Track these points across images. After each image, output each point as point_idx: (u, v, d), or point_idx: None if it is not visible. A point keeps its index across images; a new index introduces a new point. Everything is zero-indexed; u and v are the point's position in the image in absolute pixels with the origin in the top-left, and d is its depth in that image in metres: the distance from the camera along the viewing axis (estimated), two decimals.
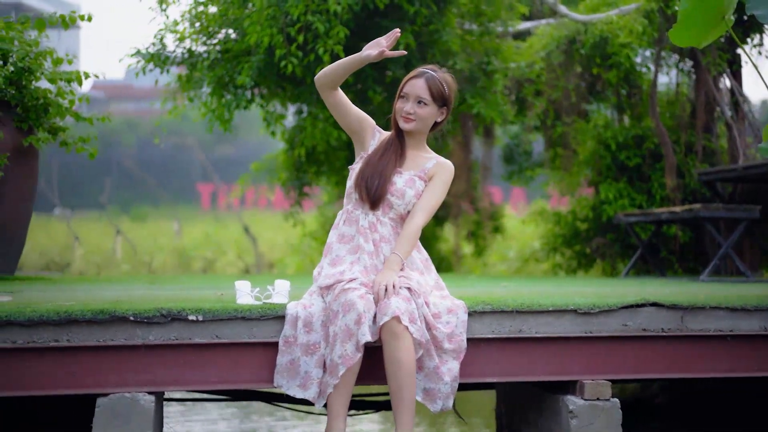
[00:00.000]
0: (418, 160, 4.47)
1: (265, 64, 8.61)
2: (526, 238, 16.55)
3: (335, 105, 4.41)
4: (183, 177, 35.93)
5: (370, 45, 4.28)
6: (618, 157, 10.59)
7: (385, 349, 4.05)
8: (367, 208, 4.39)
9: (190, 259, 21.63)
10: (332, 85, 4.35)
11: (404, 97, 4.39)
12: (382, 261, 4.33)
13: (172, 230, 25.19)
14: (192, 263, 21.45)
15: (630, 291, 5.67)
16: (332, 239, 4.45)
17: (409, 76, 4.40)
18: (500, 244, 15.60)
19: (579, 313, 4.47)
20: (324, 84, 4.35)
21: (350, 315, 4.02)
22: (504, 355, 4.41)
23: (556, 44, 10.42)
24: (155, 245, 22.83)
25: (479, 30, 9.66)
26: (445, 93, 4.40)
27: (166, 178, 34.87)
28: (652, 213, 8.78)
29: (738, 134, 9.87)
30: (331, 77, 4.33)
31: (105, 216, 27.60)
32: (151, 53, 9.33)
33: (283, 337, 4.19)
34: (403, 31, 8.53)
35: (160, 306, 4.17)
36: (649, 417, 6.83)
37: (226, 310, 4.20)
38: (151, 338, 4.14)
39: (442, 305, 4.31)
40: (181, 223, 25.72)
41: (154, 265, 21.19)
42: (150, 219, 28.09)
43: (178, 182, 35.20)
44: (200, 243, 22.81)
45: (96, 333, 4.09)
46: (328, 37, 8.22)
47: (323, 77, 4.34)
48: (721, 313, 4.58)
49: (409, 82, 4.38)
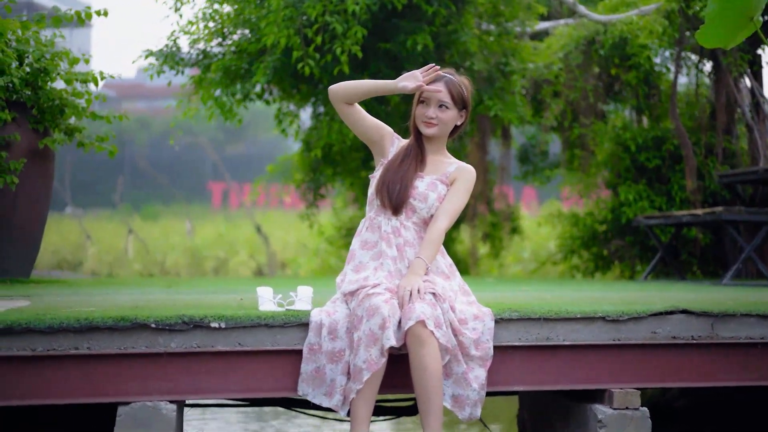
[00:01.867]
0: (439, 164, 4.40)
1: (282, 65, 8.53)
2: (541, 239, 16.46)
3: (352, 118, 4.35)
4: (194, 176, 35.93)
5: (407, 77, 4.24)
6: (637, 158, 10.49)
7: (411, 355, 3.97)
8: (390, 214, 4.32)
9: (202, 259, 21.59)
10: (349, 101, 4.29)
11: (425, 102, 4.32)
12: (406, 265, 4.26)
13: (184, 229, 25.16)
14: (204, 263, 21.41)
15: (656, 296, 5.58)
16: (355, 246, 4.38)
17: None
18: (516, 246, 15.51)
19: (607, 320, 4.38)
20: (340, 98, 4.29)
21: (375, 319, 3.95)
22: (531, 363, 4.33)
23: (575, 45, 10.33)
24: (167, 244, 22.81)
25: (497, 30, 9.57)
26: (465, 96, 4.35)
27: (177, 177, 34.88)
28: (673, 215, 8.68)
29: (759, 136, 9.75)
30: (349, 94, 4.27)
31: (117, 215, 27.59)
32: (165, 54, 9.25)
33: (307, 344, 4.11)
34: (421, 31, 8.45)
35: (182, 313, 4.10)
36: (669, 422, 6.74)
37: (249, 317, 4.13)
38: (173, 346, 4.06)
39: (468, 311, 4.24)
40: (193, 222, 25.69)
41: (166, 265, 21.17)
42: (162, 218, 28.07)
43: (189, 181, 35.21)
44: (212, 242, 22.78)
45: (117, 340, 4.02)
46: (346, 38, 8.14)
47: (341, 92, 4.28)
48: (752, 320, 4.50)
49: (429, 86, 4.30)
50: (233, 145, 39.08)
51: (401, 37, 8.51)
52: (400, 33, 8.54)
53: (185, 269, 21.14)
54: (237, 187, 31.78)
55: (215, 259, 21.57)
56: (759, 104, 9.94)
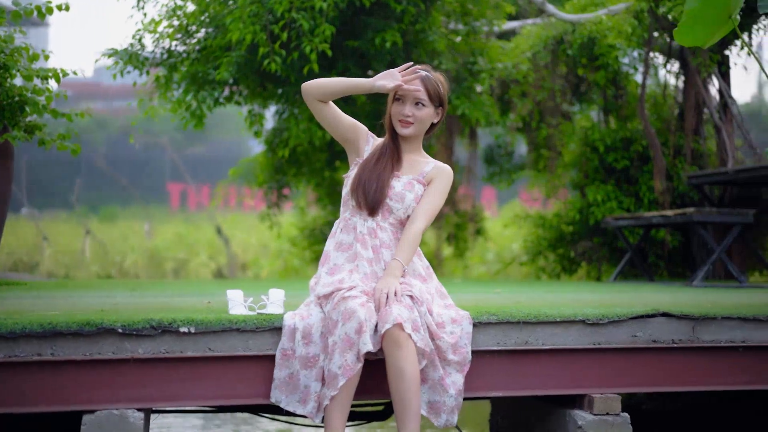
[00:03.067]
0: (415, 164, 4.29)
1: (246, 62, 8.37)
2: (504, 241, 16.40)
3: (326, 116, 4.23)
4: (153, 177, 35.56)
5: (384, 75, 4.14)
6: (605, 159, 10.44)
7: (388, 358, 3.85)
8: (366, 215, 4.20)
9: (161, 260, 21.33)
10: (324, 99, 4.18)
11: (400, 100, 4.20)
12: (382, 268, 4.14)
13: (143, 230, 24.86)
14: (163, 264, 21.16)
15: (631, 298, 5.50)
16: (329, 248, 4.25)
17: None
18: (480, 247, 15.43)
19: (587, 323, 4.29)
20: (314, 96, 4.17)
21: (350, 323, 3.82)
22: (510, 368, 4.23)
23: (543, 44, 10.25)
24: (125, 245, 22.52)
25: (465, 30, 9.46)
26: (441, 93, 4.25)
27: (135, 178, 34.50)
28: (643, 217, 8.61)
29: (727, 137, 9.72)
30: (324, 92, 4.16)
31: (74, 216, 27.23)
32: (129, 53, 9.05)
33: (280, 349, 3.98)
34: (390, 29, 8.33)
35: (150, 317, 3.95)
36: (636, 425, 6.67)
37: (220, 322, 3.98)
38: (141, 351, 3.91)
39: (446, 315, 4.12)
40: (152, 224, 25.39)
41: (124, 266, 20.90)
42: (119, 219, 27.72)
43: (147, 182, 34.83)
44: (172, 244, 22.51)
45: (82, 346, 3.86)
46: (314, 36, 8.00)
47: (315, 89, 4.16)
48: (732, 323, 4.42)
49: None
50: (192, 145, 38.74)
51: (369, 34, 8.38)
52: (369, 31, 8.41)
53: (144, 271, 20.88)
54: (196, 188, 31.49)
55: (175, 260, 21.32)
56: (727, 105, 9.91)
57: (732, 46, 10.08)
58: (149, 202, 30.18)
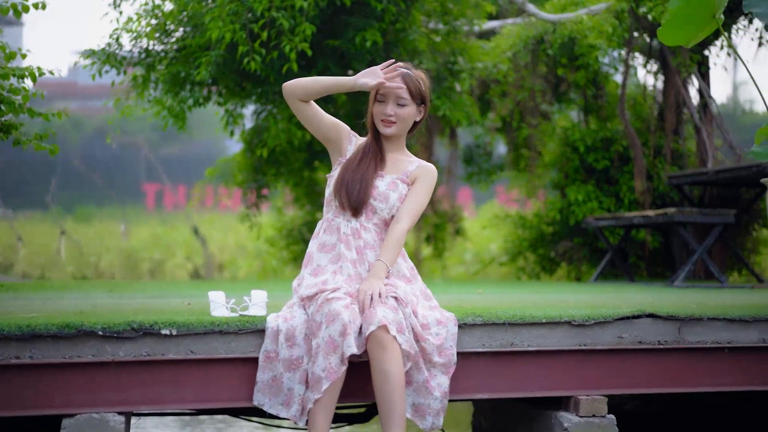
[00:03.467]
0: (399, 163, 4.25)
1: (225, 61, 8.29)
2: (482, 241, 16.37)
3: (308, 116, 4.17)
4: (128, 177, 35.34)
5: (366, 73, 4.08)
6: (586, 159, 10.41)
7: (372, 361, 3.80)
8: (349, 215, 4.14)
9: (137, 261, 21.19)
10: (305, 98, 4.12)
11: (382, 100, 4.15)
12: (366, 269, 4.09)
13: (119, 231, 24.69)
14: (140, 265, 21.02)
15: (616, 299, 5.48)
16: (312, 249, 4.19)
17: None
18: (458, 247, 15.40)
19: (573, 324, 4.26)
20: (296, 95, 4.11)
21: (334, 326, 3.77)
22: (495, 369, 4.18)
23: (523, 44, 10.21)
24: (101, 246, 22.36)
25: (446, 29, 9.41)
26: (423, 90, 4.21)
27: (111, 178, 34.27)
28: (624, 217, 8.59)
29: (707, 137, 9.72)
30: (306, 91, 4.10)
31: (49, 216, 27.01)
32: (107, 53, 8.93)
33: (263, 352, 3.92)
34: (370, 28, 8.28)
35: (130, 319, 3.88)
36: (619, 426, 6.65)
37: (202, 324, 3.92)
38: (121, 354, 3.84)
39: (431, 316, 4.07)
40: (128, 224, 25.22)
41: (100, 267, 20.75)
42: (95, 219, 27.52)
43: (123, 182, 34.60)
44: (148, 244, 22.36)
45: (62, 349, 3.79)
46: (294, 35, 7.93)
47: (297, 88, 4.10)
48: (718, 324, 4.40)
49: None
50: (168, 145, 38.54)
51: (350, 33, 8.32)
52: (349, 30, 8.35)
53: (120, 271, 20.74)
54: (172, 188, 31.32)
55: (151, 261, 21.18)
56: (707, 105, 9.91)
57: (711, 47, 10.08)
58: (125, 203, 30.00)
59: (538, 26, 10.12)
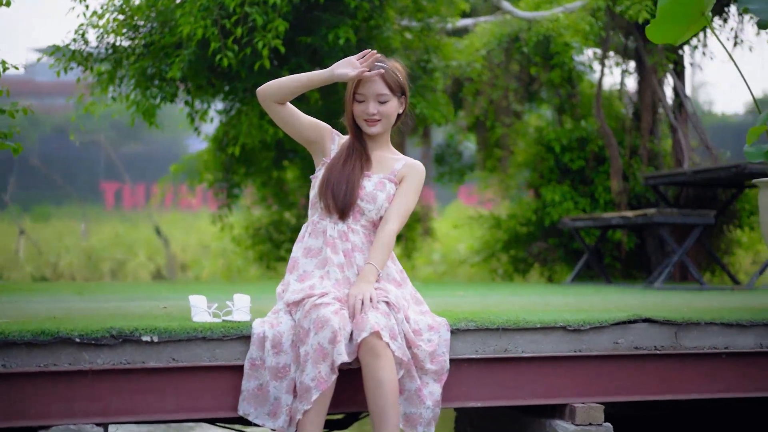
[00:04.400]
0: (385, 161, 4.09)
1: (197, 58, 8.08)
2: (450, 241, 16.24)
3: (286, 118, 4.01)
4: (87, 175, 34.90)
5: (342, 64, 3.91)
6: (561, 159, 10.28)
7: (365, 368, 3.64)
8: (336, 218, 3.98)
9: (98, 261, 20.85)
10: (281, 100, 3.95)
11: (362, 100, 3.98)
12: (355, 273, 3.93)
13: (78, 230, 24.30)
14: (101, 265, 20.68)
15: (603, 301, 5.35)
16: (297, 254, 4.02)
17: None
18: (427, 247, 15.24)
19: (569, 330, 4.12)
20: (271, 98, 3.94)
21: (324, 333, 3.60)
22: (489, 376, 4.04)
23: (498, 42, 10.06)
24: (60, 246, 21.98)
25: (419, 26, 9.25)
26: (401, 81, 4.04)
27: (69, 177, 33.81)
28: (601, 218, 8.45)
29: (683, 137, 9.62)
30: (282, 92, 3.93)
31: (7, 215, 26.56)
32: (72, 50, 8.66)
33: (249, 359, 3.75)
34: (343, 25, 8.10)
35: (109, 325, 3.69)
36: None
37: (184, 330, 3.74)
38: (100, 362, 3.66)
39: (423, 322, 3.92)
40: (87, 223, 24.83)
41: (60, 267, 20.41)
42: (53, 218, 27.08)
43: (82, 180, 34.16)
44: (109, 244, 22.01)
45: (37, 357, 3.60)
46: (267, 31, 7.74)
47: (272, 91, 3.93)
48: (715, 329, 4.29)
49: (361, 82, 3.96)
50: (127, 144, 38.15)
51: (323, 31, 8.14)
52: (322, 26, 8.17)
53: (80, 272, 20.39)
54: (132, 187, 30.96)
55: (112, 260, 20.85)
56: (683, 104, 9.81)
57: (686, 46, 10.00)
58: (84, 202, 29.60)
59: (513, 24, 9.97)
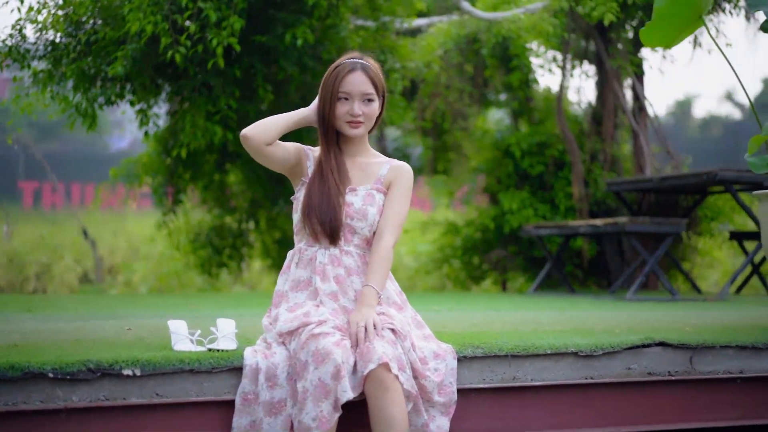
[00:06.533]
0: (368, 168, 3.74)
1: (142, 55, 7.64)
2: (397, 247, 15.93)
3: (276, 155, 3.64)
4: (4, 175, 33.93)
5: None
6: (520, 165, 9.97)
7: (372, 403, 3.29)
8: (326, 243, 3.62)
9: (22, 265, 20.08)
10: (270, 141, 3.58)
11: (345, 99, 3.63)
12: (352, 300, 3.58)
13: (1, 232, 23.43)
14: (25, 269, 19.92)
15: (591, 317, 5.07)
16: (284, 288, 3.66)
17: (342, 73, 3.64)
18: None
19: (580, 355, 3.83)
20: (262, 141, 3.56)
21: (325, 367, 3.25)
22: (497, 407, 3.73)
23: (454, 43, 9.73)
24: None
25: (375, 26, 8.90)
26: (383, 81, 3.73)
27: None
28: (568, 226, 8.17)
29: (645, 142, 9.41)
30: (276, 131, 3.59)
31: None
32: (9, 46, 8.14)
33: (241, 393, 3.39)
34: (301, 24, 7.73)
35: (85, 358, 3.31)
36: None
37: (169, 361, 3.37)
38: (75, 399, 3.27)
39: (427, 349, 3.59)
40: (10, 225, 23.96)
41: None
42: None
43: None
44: (33, 246, 21.22)
45: (3, 394, 3.20)
46: (221, 28, 7.33)
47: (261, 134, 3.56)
48: (730, 352, 4.04)
49: (346, 79, 3.62)
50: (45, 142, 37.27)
51: (279, 30, 7.76)
52: (278, 25, 7.78)
53: (3, 276, 19.61)
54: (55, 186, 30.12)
55: (37, 264, 20.09)
56: (643, 109, 9.59)
57: (644, 49, 9.79)
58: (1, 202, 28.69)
59: (470, 25, 9.66)
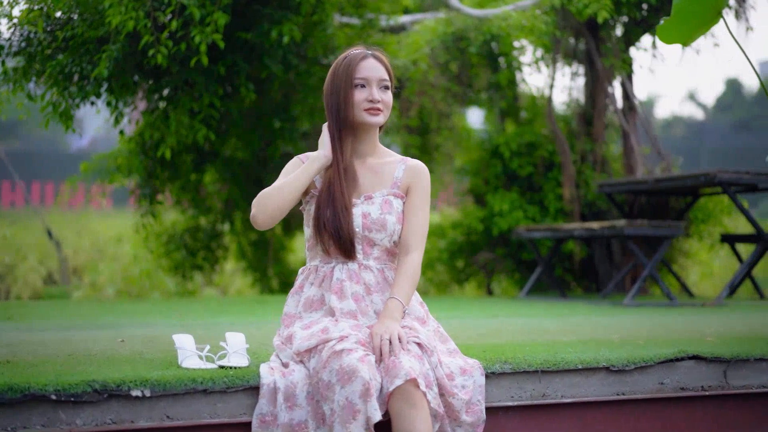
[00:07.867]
0: (382, 170, 3.49)
1: (125, 55, 7.34)
2: None
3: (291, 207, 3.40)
4: None
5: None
6: (509, 166, 9.74)
7: (397, 421, 3.04)
8: (342, 258, 3.38)
9: None
10: (284, 213, 3.34)
11: (362, 86, 3.40)
12: (372, 317, 3.34)
13: None
14: None
15: (598, 325, 4.87)
16: (296, 309, 3.41)
17: (355, 60, 3.42)
18: None
19: (612, 371, 3.63)
20: (277, 217, 3.32)
21: (352, 386, 3.01)
22: (527, 426, 3.51)
23: (441, 40, 9.49)
24: None
25: (360, 23, 8.66)
26: (392, 71, 3.52)
27: None
28: (563, 229, 7.96)
29: (635, 143, 9.22)
30: (282, 207, 3.32)
31: None
32: None
33: (258, 415, 3.15)
34: (287, 21, 7.47)
35: (91, 378, 3.05)
36: None
37: (180, 381, 3.12)
38: (79, 423, 3.02)
39: (454, 364, 3.35)
40: None
41: None
42: None
43: None
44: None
45: (2, 418, 2.93)
46: (205, 25, 7.05)
47: (274, 211, 3.31)
48: (764, 365, 3.85)
49: (361, 65, 3.40)
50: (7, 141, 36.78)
51: (264, 27, 7.49)
52: (263, 22, 7.52)
53: None
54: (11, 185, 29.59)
55: (0, 265, 19.67)
56: (634, 108, 9.40)
57: (635, 48, 9.62)
58: None
59: (458, 22, 9.43)
